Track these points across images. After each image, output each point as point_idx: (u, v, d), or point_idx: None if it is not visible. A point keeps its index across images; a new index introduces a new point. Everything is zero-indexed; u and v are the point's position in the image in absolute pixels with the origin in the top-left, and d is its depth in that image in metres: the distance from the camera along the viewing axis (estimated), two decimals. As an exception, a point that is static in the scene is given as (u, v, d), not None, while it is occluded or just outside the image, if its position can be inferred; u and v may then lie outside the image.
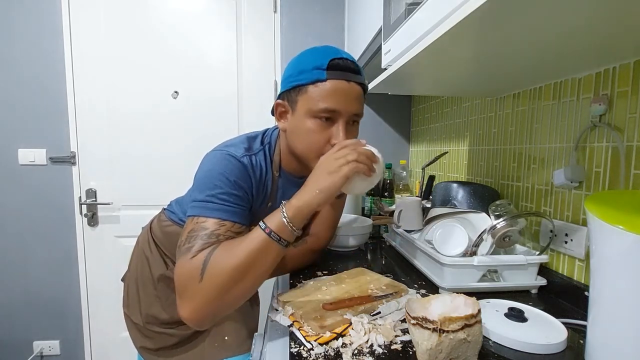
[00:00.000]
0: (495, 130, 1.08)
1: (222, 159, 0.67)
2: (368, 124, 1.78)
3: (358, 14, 1.42)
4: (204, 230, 0.61)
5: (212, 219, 0.62)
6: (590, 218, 0.48)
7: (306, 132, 0.66)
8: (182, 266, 0.59)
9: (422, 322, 0.46)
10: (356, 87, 0.67)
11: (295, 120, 0.68)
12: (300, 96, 0.66)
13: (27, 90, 1.57)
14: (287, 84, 0.68)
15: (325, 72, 0.64)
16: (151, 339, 0.86)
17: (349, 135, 0.68)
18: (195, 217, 0.63)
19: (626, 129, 0.65)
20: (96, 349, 1.73)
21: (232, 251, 0.58)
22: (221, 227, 0.62)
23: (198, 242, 0.59)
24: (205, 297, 0.56)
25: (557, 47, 0.59)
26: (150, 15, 1.62)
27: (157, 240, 0.91)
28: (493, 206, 0.84)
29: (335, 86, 0.64)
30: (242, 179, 0.67)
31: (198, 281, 0.56)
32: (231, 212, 0.64)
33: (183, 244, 0.61)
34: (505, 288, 0.77)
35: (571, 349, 0.56)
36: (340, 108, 0.65)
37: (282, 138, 0.76)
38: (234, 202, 0.65)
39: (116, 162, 1.65)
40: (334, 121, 0.66)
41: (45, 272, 1.66)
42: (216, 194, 0.64)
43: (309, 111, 0.65)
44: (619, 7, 0.42)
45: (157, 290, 0.87)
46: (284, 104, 0.70)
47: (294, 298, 0.69)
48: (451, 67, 0.75)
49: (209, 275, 0.56)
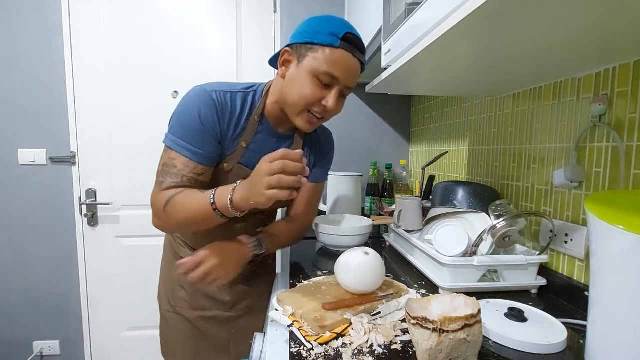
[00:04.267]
0: (495, 130, 1.08)
1: (195, 93, 0.75)
2: (368, 124, 1.78)
3: (358, 14, 1.42)
4: (174, 167, 0.73)
5: (182, 157, 0.73)
6: (590, 218, 0.48)
7: (303, 85, 0.72)
8: (154, 194, 0.75)
9: (422, 322, 0.46)
10: (358, 64, 0.74)
11: (297, 71, 0.73)
12: (311, 53, 0.72)
13: (27, 90, 1.57)
14: (301, 37, 0.73)
15: (339, 41, 0.70)
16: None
17: (338, 104, 0.76)
18: (169, 150, 0.74)
19: (626, 129, 0.65)
20: (96, 349, 1.73)
21: (186, 204, 0.70)
22: (186, 168, 0.73)
23: (168, 180, 0.73)
24: (164, 221, 0.74)
25: (557, 46, 0.59)
26: (150, 16, 1.62)
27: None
28: (493, 206, 0.84)
29: (343, 56, 0.71)
30: (208, 116, 0.74)
31: (162, 210, 0.72)
32: (198, 154, 0.73)
33: (159, 174, 0.75)
34: (505, 288, 0.77)
35: (571, 349, 0.56)
36: (340, 77, 0.72)
37: (274, 86, 0.81)
38: (202, 143, 0.73)
39: (116, 162, 1.65)
40: (331, 86, 0.73)
41: (45, 272, 1.66)
42: (187, 131, 0.73)
43: (313, 69, 0.71)
44: (619, 7, 0.42)
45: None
46: (292, 53, 0.75)
47: (294, 298, 0.69)
48: (451, 67, 0.75)
49: (168, 212, 0.71)
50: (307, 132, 0.83)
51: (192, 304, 0.90)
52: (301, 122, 0.77)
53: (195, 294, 0.90)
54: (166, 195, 0.71)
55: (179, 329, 0.92)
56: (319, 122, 0.78)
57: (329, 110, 0.75)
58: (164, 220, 0.73)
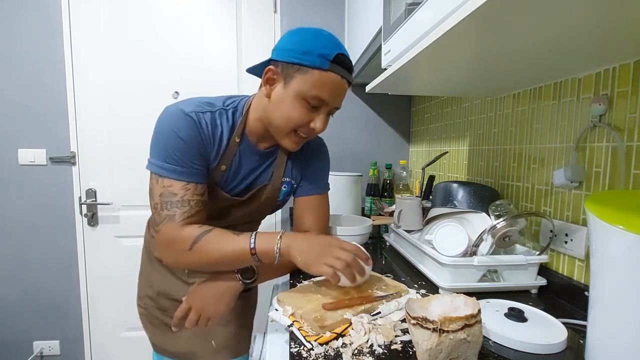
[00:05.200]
0: (495, 130, 1.08)
1: (171, 114, 0.71)
2: (368, 124, 1.78)
3: (358, 14, 1.42)
4: (174, 196, 0.69)
5: (177, 182, 0.69)
6: (590, 218, 0.48)
7: (291, 108, 0.70)
8: (171, 231, 0.69)
9: (422, 322, 0.46)
10: (345, 85, 0.73)
11: (284, 92, 0.70)
12: (299, 75, 0.68)
13: (27, 90, 1.57)
14: (287, 56, 0.69)
15: (329, 64, 0.68)
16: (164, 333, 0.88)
17: (325, 125, 0.74)
18: (159, 178, 0.70)
19: (626, 129, 0.65)
20: (96, 349, 1.73)
21: (220, 244, 0.68)
22: (187, 192, 0.70)
23: (177, 211, 0.69)
24: (188, 260, 0.71)
25: (557, 47, 0.59)
26: (150, 16, 1.62)
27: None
28: (493, 206, 0.84)
29: (333, 80, 0.69)
30: (190, 135, 0.70)
31: (186, 249, 0.68)
32: (191, 174, 0.70)
33: (161, 208, 0.70)
34: (505, 288, 0.77)
35: (571, 349, 0.56)
36: (329, 100, 0.71)
37: (256, 102, 0.77)
38: (190, 162, 0.70)
39: (116, 162, 1.65)
40: (319, 109, 0.72)
41: (45, 272, 1.66)
42: (171, 153, 0.69)
43: (301, 92, 0.69)
44: (619, 7, 0.42)
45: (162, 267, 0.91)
46: (278, 73, 0.71)
47: (294, 298, 0.69)
48: (451, 67, 0.75)
49: (196, 251, 0.68)
50: (292, 151, 0.81)
51: (158, 304, 0.90)
52: (288, 143, 0.75)
53: (160, 296, 0.89)
54: (191, 234, 0.68)
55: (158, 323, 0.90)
56: (304, 141, 0.77)
57: (316, 131, 0.74)
58: (187, 258, 0.69)
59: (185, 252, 0.69)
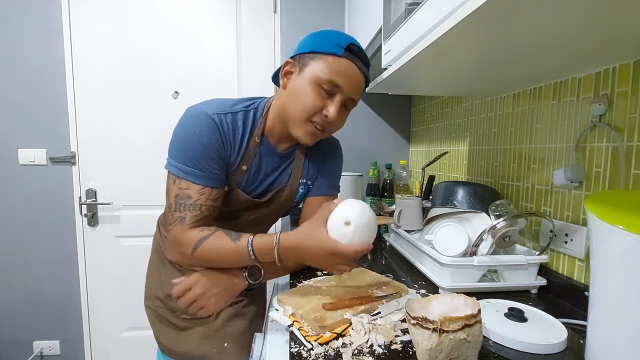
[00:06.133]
0: (495, 130, 1.08)
1: (193, 116, 0.71)
2: (368, 124, 1.78)
3: (358, 14, 1.42)
4: (189, 199, 0.70)
5: (194, 185, 0.70)
6: (590, 218, 0.48)
7: (305, 94, 0.71)
8: (179, 233, 0.71)
9: (422, 322, 0.46)
10: (361, 76, 0.73)
11: (299, 80, 0.72)
12: (313, 61, 0.70)
13: (27, 90, 1.57)
14: (303, 49, 0.73)
15: (344, 50, 0.69)
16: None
17: (340, 115, 0.74)
18: (177, 179, 0.71)
19: (626, 129, 0.65)
20: (96, 349, 1.73)
21: (219, 250, 0.70)
22: (202, 196, 0.71)
23: (188, 215, 0.70)
24: (191, 260, 0.73)
25: (557, 46, 0.59)
26: (150, 16, 1.62)
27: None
28: (493, 206, 0.84)
29: (347, 66, 0.70)
30: (211, 137, 0.71)
31: (190, 252, 0.70)
32: (209, 178, 0.71)
33: (174, 209, 0.71)
34: (505, 288, 0.77)
35: (571, 349, 0.56)
36: (343, 86, 0.70)
37: (276, 100, 0.78)
38: (209, 165, 0.71)
39: (116, 162, 1.65)
40: (333, 95, 0.72)
41: (45, 272, 1.66)
42: (190, 156, 0.70)
43: (315, 77, 0.70)
44: (619, 7, 0.42)
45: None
46: (294, 64, 0.74)
47: (294, 298, 0.69)
48: (451, 67, 0.75)
49: (199, 254, 0.70)
50: (308, 145, 0.80)
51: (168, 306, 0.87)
52: (302, 133, 0.74)
53: (170, 298, 0.86)
54: (192, 239, 0.70)
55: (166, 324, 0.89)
56: (320, 135, 0.76)
57: (330, 120, 0.72)
58: (189, 259, 0.73)
59: (189, 256, 0.71)
